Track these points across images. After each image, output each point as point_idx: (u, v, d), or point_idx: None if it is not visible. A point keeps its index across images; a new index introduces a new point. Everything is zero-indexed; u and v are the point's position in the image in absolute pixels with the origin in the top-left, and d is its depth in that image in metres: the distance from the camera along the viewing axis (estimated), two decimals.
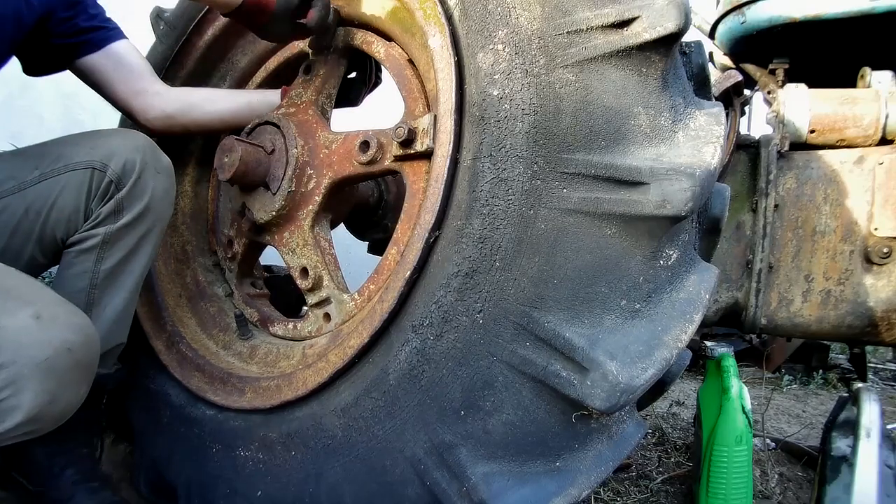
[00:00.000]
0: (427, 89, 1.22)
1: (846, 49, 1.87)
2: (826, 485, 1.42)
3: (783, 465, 1.91)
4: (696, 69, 1.30)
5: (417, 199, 1.13)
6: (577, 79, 0.91)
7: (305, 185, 1.27)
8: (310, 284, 1.26)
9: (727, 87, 1.77)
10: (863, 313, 1.55)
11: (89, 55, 1.33)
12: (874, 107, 1.60)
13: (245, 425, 1.15)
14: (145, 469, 1.30)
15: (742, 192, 1.69)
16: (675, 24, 0.88)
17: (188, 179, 1.62)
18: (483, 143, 0.94)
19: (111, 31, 1.36)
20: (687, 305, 0.93)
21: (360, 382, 1.01)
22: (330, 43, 1.38)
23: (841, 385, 3.38)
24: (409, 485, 0.95)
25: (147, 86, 1.38)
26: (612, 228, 0.89)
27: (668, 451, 1.99)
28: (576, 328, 0.88)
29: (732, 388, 1.42)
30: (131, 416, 1.39)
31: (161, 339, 1.37)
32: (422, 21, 1.11)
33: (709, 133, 0.93)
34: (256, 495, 1.09)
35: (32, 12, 1.21)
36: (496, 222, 0.91)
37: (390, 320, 0.99)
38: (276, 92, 1.45)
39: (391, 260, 1.16)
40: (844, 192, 1.58)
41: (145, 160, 1.16)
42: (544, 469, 0.93)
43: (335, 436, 1.01)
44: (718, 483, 1.40)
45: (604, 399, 0.85)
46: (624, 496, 1.63)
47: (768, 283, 1.63)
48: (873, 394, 1.53)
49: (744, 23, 1.89)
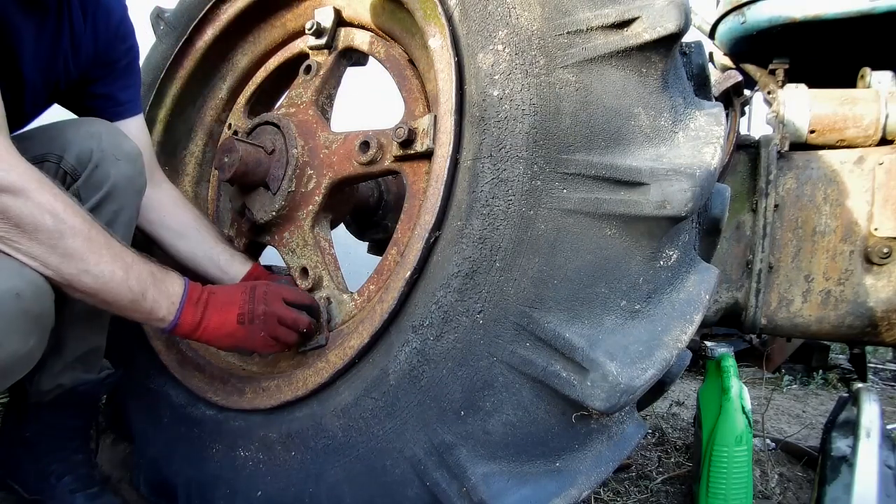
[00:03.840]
0: (427, 89, 1.22)
1: (846, 49, 1.87)
2: (826, 485, 1.42)
3: (783, 465, 1.91)
4: (696, 69, 1.30)
5: (417, 199, 1.13)
6: (577, 79, 0.91)
7: (305, 186, 1.27)
8: (310, 284, 1.26)
9: (727, 88, 1.77)
10: (863, 313, 1.55)
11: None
12: (874, 107, 1.60)
13: (245, 425, 1.15)
14: (145, 469, 1.30)
15: (742, 193, 1.69)
16: (675, 25, 0.88)
17: (188, 179, 1.62)
18: (483, 143, 0.94)
19: (122, 106, 1.30)
20: (687, 306, 0.93)
21: (360, 383, 1.01)
22: (330, 43, 1.38)
23: (841, 385, 3.38)
24: (409, 485, 0.95)
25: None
26: (612, 229, 0.89)
27: (668, 451, 1.99)
28: (576, 329, 0.88)
29: (732, 388, 1.42)
30: (131, 417, 1.39)
31: (161, 339, 1.37)
32: (422, 21, 1.11)
33: (709, 133, 0.93)
34: (256, 495, 1.09)
35: (70, 80, 1.21)
36: (496, 223, 0.91)
37: (390, 320, 1.00)
38: (246, 264, 1.34)
39: (391, 260, 1.16)
40: (844, 192, 1.58)
41: (102, 148, 1.12)
42: (544, 469, 0.93)
43: (335, 436, 1.02)
44: (718, 483, 1.40)
45: (604, 399, 0.85)
46: (624, 496, 1.63)
47: (768, 283, 1.63)
48: (873, 394, 1.53)
49: (744, 23, 1.89)
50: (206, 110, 1.63)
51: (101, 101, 1.28)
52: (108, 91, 1.28)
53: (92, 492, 1.23)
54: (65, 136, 1.13)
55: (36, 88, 1.14)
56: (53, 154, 1.11)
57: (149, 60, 1.58)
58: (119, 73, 1.29)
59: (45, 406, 1.22)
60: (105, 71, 1.27)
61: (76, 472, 1.23)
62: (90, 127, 1.16)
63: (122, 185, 1.14)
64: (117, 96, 1.29)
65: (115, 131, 1.18)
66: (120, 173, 1.14)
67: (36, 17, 1.06)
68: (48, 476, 1.22)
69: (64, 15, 1.13)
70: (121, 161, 1.14)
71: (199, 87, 1.60)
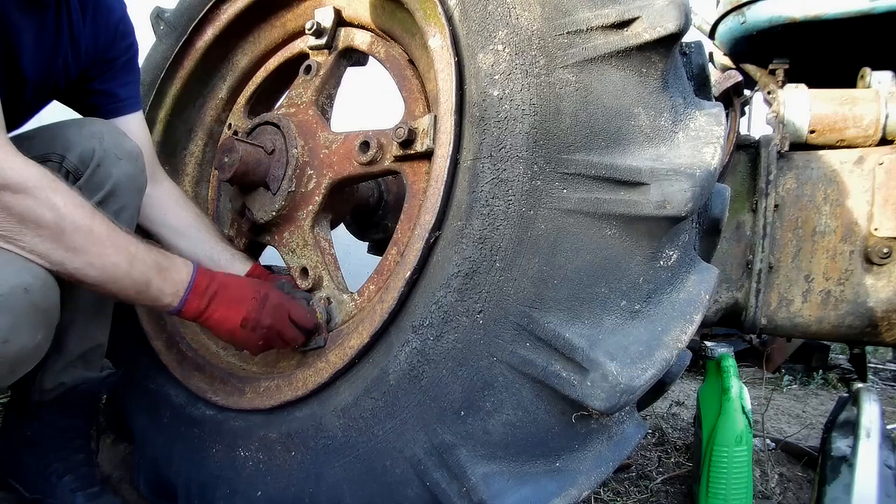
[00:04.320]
0: (427, 89, 1.22)
1: (846, 49, 1.87)
2: (826, 485, 1.42)
3: (783, 465, 1.91)
4: (696, 69, 1.30)
5: (417, 199, 1.13)
6: (577, 79, 0.91)
7: (305, 186, 1.27)
8: (310, 284, 1.26)
9: (727, 88, 1.77)
10: (863, 313, 1.54)
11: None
12: (874, 107, 1.60)
13: (245, 425, 1.15)
14: (145, 469, 1.30)
15: (742, 193, 1.69)
16: (675, 25, 0.88)
17: (188, 179, 1.62)
18: (483, 143, 0.94)
19: (122, 102, 1.30)
20: (687, 306, 0.93)
21: (360, 383, 1.01)
22: (330, 43, 1.38)
23: (841, 385, 3.38)
24: (409, 485, 0.95)
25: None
26: (612, 229, 0.89)
27: (668, 451, 1.99)
28: (576, 329, 0.88)
29: (732, 388, 1.42)
30: (131, 417, 1.38)
31: (161, 339, 1.37)
32: (422, 21, 1.11)
33: (709, 133, 0.93)
34: (256, 495, 1.09)
35: (69, 78, 1.21)
36: (496, 223, 0.91)
37: (390, 320, 1.00)
38: (247, 264, 1.33)
39: (391, 260, 1.15)
40: (844, 192, 1.58)
41: (104, 147, 1.13)
42: (544, 469, 0.93)
43: (335, 436, 1.01)
44: (718, 483, 1.40)
45: (604, 399, 0.85)
46: (624, 496, 1.63)
47: (768, 283, 1.63)
48: (873, 394, 1.53)
49: (744, 23, 1.89)
50: (206, 110, 1.63)
51: (101, 98, 1.28)
52: (108, 88, 1.29)
53: (92, 491, 1.23)
54: (67, 135, 1.14)
55: (35, 86, 1.14)
56: (56, 153, 1.12)
57: (149, 60, 1.58)
58: (119, 70, 1.29)
59: (47, 405, 1.22)
60: (105, 68, 1.27)
61: (77, 472, 1.23)
62: (92, 127, 1.17)
63: (123, 185, 1.15)
64: (117, 93, 1.30)
65: (117, 131, 1.19)
66: (122, 172, 1.15)
67: (35, 16, 1.07)
68: (49, 475, 1.22)
69: (63, 13, 1.13)
70: (122, 160, 1.15)
71: (199, 87, 1.60)
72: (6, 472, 1.26)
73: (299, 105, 1.36)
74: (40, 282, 0.90)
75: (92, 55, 1.23)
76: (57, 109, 1.31)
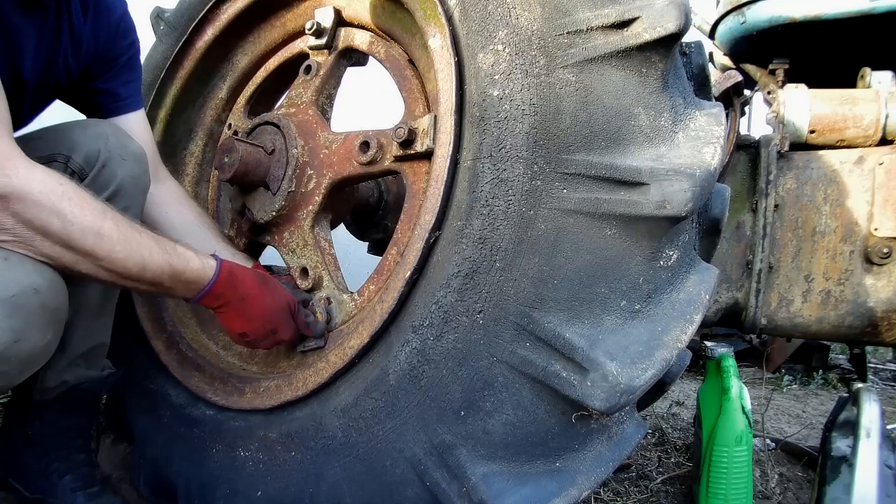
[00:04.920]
0: (427, 89, 1.22)
1: (846, 49, 1.87)
2: (826, 485, 1.42)
3: (783, 465, 1.91)
4: (696, 69, 1.30)
5: (417, 199, 1.13)
6: (577, 79, 0.91)
7: (305, 186, 1.27)
8: (310, 285, 1.26)
9: (727, 88, 1.77)
10: (863, 313, 1.54)
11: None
12: (874, 107, 1.60)
13: (245, 425, 1.15)
14: (145, 469, 1.30)
15: (742, 193, 1.69)
16: (675, 25, 0.88)
17: (188, 179, 1.62)
18: (483, 143, 0.94)
19: (123, 101, 1.31)
20: (687, 306, 0.93)
21: (361, 383, 1.01)
22: (330, 43, 1.38)
23: (841, 385, 3.38)
24: (409, 485, 0.95)
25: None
26: (612, 229, 0.89)
27: (668, 451, 1.99)
28: (576, 329, 0.88)
29: (732, 388, 1.42)
30: (131, 416, 1.38)
31: (161, 339, 1.37)
32: (422, 21, 1.11)
33: (709, 133, 0.93)
34: (256, 495, 1.09)
35: (71, 78, 1.22)
36: (496, 223, 0.91)
37: (390, 320, 1.00)
38: (247, 264, 1.31)
39: (391, 260, 1.15)
40: (844, 192, 1.58)
41: (109, 148, 1.14)
42: (544, 469, 0.93)
43: (335, 436, 1.01)
44: (718, 483, 1.40)
45: (604, 399, 0.85)
46: (624, 496, 1.63)
47: (768, 283, 1.63)
48: (873, 394, 1.53)
49: (744, 23, 1.89)
50: (206, 110, 1.63)
51: (103, 97, 1.29)
52: (110, 87, 1.29)
53: (92, 491, 1.23)
54: (72, 136, 1.15)
55: (37, 87, 1.14)
56: (61, 154, 1.12)
57: (149, 60, 1.58)
58: (120, 69, 1.30)
59: (48, 404, 1.22)
60: (106, 67, 1.27)
61: (77, 471, 1.24)
62: (97, 128, 1.17)
63: (128, 185, 1.16)
64: (118, 91, 1.30)
65: (122, 132, 1.20)
66: (126, 173, 1.16)
67: (36, 17, 1.07)
68: (49, 475, 1.22)
69: (63, 14, 1.13)
70: (127, 161, 1.16)
71: (199, 87, 1.60)
72: (6, 472, 1.26)
73: (299, 105, 1.36)
74: (49, 282, 0.92)
75: (93, 54, 1.23)
76: (61, 110, 1.31)
